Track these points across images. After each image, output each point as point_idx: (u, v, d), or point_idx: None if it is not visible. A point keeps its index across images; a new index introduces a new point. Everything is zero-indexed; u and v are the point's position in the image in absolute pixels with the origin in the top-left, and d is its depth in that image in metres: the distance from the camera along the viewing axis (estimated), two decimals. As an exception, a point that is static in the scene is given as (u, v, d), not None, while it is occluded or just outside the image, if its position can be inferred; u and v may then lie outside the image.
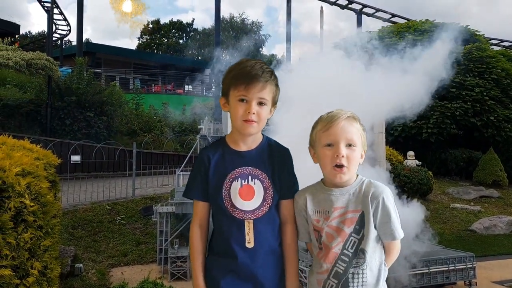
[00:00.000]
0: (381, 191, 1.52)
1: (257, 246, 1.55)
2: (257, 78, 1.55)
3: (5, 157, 2.33)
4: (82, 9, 20.27)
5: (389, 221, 1.51)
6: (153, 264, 5.90)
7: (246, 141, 1.64)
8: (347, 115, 1.57)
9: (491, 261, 6.42)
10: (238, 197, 1.58)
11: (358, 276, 1.51)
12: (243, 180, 1.60)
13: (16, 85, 14.07)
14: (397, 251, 1.60)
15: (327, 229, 1.55)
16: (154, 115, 16.87)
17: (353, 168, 1.55)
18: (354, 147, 1.54)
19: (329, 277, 1.54)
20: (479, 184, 11.63)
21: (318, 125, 1.62)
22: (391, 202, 1.52)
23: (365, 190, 1.54)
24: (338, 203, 1.55)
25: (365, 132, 1.62)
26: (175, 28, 44.21)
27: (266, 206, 1.59)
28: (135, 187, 8.88)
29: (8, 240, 2.07)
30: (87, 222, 7.04)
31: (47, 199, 2.50)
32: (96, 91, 13.19)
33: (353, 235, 1.52)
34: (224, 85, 1.64)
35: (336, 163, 1.52)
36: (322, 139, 1.57)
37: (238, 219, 1.57)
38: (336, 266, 1.52)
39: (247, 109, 1.56)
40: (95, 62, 24.42)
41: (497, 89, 13.04)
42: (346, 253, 1.52)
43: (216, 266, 1.60)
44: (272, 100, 1.62)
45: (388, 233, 1.52)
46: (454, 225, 8.52)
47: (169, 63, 30.22)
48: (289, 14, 24.06)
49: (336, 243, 1.53)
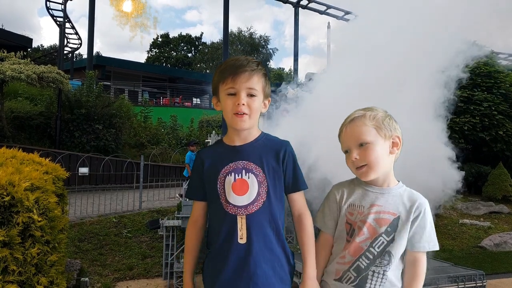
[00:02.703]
0: (424, 201, 1.55)
1: (249, 242, 1.51)
2: (243, 67, 1.53)
3: (15, 172, 2.36)
4: (93, 23, 20.64)
5: (425, 231, 1.51)
6: (159, 278, 5.88)
7: (240, 136, 1.61)
8: (352, 117, 1.59)
9: (502, 279, 6.30)
10: (231, 192, 1.54)
11: (378, 276, 1.50)
12: (237, 175, 1.56)
13: (27, 98, 14.31)
14: (425, 265, 1.54)
15: (360, 223, 1.54)
16: (162, 127, 16.99)
17: (376, 164, 1.53)
18: (367, 143, 1.54)
19: (349, 269, 1.53)
20: (489, 199, 11.47)
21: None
22: (430, 215, 1.54)
23: (409, 198, 1.55)
24: (376, 201, 1.55)
25: (387, 119, 1.57)
26: (184, 41, 44.81)
27: (261, 201, 1.55)
28: (142, 200, 8.90)
29: (15, 255, 2.08)
30: (94, 235, 7.06)
31: (55, 214, 2.51)
32: (105, 103, 13.34)
33: (383, 236, 1.51)
34: (213, 83, 1.63)
35: (355, 166, 1.56)
36: (341, 147, 1.63)
37: (231, 214, 1.53)
38: (359, 261, 1.52)
39: (236, 101, 1.53)
40: (105, 75, 24.78)
41: (506, 104, 12.95)
42: (372, 251, 1.51)
43: (212, 262, 1.59)
44: (262, 91, 1.58)
45: (422, 243, 1.51)
46: (463, 241, 8.39)
47: (178, 76, 30.56)
48: (297, 29, 24.25)
49: (365, 238, 1.53)
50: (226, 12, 21.88)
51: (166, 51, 44.30)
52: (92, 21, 20.60)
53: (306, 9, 23.89)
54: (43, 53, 33.32)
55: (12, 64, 11.15)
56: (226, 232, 1.54)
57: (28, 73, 10.86)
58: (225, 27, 22.27)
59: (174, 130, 16.82)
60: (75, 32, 24.35)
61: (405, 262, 1.56)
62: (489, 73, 13.15)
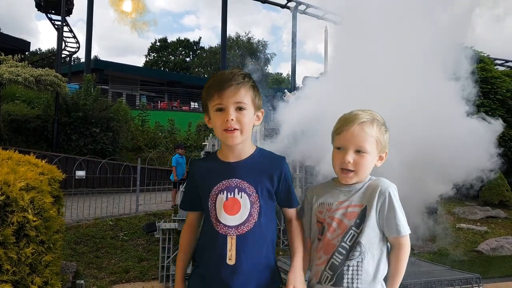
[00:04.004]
0: (388, 186, 1.54)
1: (238, 263, 1.48)
2: (228, 81, 1.49)
3: (10, 172, 2.36)
4: (91, 27, 20.70)
5: (395, 216, 1.51)
6: (155, 281, 5.85)
7: (234, 152, 1.57)
8: (362, 120, 1.55)
9: (498, 283, 6.29)
10: (222, 211, 1.51)
11: (353, 269, 1.50)
12: (229, 193, 1.53)
13: (24, 101, 14.28)
14: (404, 249, 1.54)
15: (329, 220, 1.56)
16: (160, 131, 16.99)
17: (363, 172, 1.56)
18: (364, 153, 1.53)
19: (325, 269, 1.54)
20: (486, 204, 11.49)
21: (335, 125, 1.62)
22: (397, 198, 1.53)
23: (372, 185, 1.56)
24: (344, 198, 1.58)
25: (386, 134, 1.60)
26: (182, 46, 44.92)
27: (252, 222, 1.52)
28: (138, 203, 8.88)
29: (9, 255, 2.07)
30: (90, 238, 7.03)
31: (50, 214, 2.50)
32: (102, 107, 13.34)
33: (353, 229, 1.53)
34: (202, 101, 1.60)
35: (343, 167, 1.55)
36: (334, 141, 1.61)
37: (221, 234, 1.51)
38: (333, 258, 1.53)
39: (224, 117, 1.49)
40: (102, 79, 24.78)
41: (502, 109, 13.03)
42: (344, 246, 1.52)
43: (198, 279, 1.58)
44: (252, 103, 1.54)
45: (394, 228, 1.52)
46: (460, 246, 8.40)
47: (176, 80, 30.62)
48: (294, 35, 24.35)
49: (336, 234, 1.54)
50: (224, 17, 21.98)
51: (164, 56, 44.39)
52: (90, 25, 20.65)
53: (304, 14, 24.00)
54: (41, 56, 33.32)
55: (9, 67, 11.13)
56: (215, 251, 1.52)
57: (26, 76, 10.84)
58: (223, 31, 22.36)
59: (172, 134, 16.83)
60: (73, 36, 24.40)
61: (391, 248, 1.58)
62: (485, 79, 13.23)
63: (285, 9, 24.18)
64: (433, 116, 4.75)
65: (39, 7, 22.92)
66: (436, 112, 4.79)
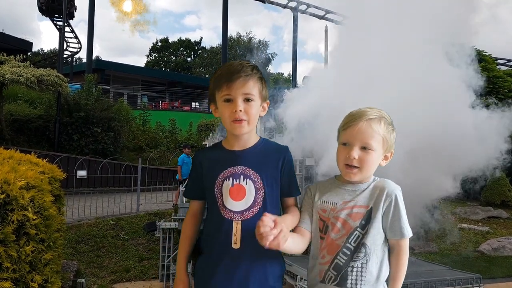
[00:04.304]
0: (394, 188, 1.54)
1: (243, 248, 1.51)
2: (237, 73, 1.52)
3: (11, 171, 2.37)
4: (92, 27, 20.72)
5: (400, 218, 1.51)
6: (156, 280, 5.86)
7: (240, 141, 1.61)
8: (370, 117, 1.54)
9: (499, 283, 6.29)
10: (228, 197, 1.55)
11: (357, 270, 1.50)
12: (235, 180, 1.56)
13: (26, 101, 14.33)
14: (405, 251, 1.56)
15: (333, 219, 1.55)
16: (161, 131, 17.01)
17: (367, 169, 1.55)
18: (370, 150, 1.53)
19: (329, 269, 1.53)
20: (487, 204, 11.46)
21: (342, 121, 1.61)
22: (402, 201, 1.54)
23: (379, 187, 1.55)
24: (349, 198, 1.56)
25: (393, 134, 1.59)
26: (183, 46, 44.92)
27: (257, 207, 1.55)
28: (139, 203, 8.89)
29: (9, 252, 2.08)
30: (91, 237, 7.05)
31: (50, 213, 2.51)
32: (104, 107, 13.37)
33: (358, 230, 1.52)
34: (209, 91, 1.63)
35: (347, 162, 1.54)
36: (340, 137, 1.60)
37: (227, 219, 1.54)
38: (337, 258, 1.52)
39: (233, 108, 1.52)
40: (104, 79, 24.81)
41: (504, 109, 13.02)
42: (349, 246, 1.52)
43: (204, 266, 1.59)
44: (259, 95, 1.58)
45: (398, 231, 1.52)
46: (461, 246, 8.38)
47: (177, 80, 30.64)
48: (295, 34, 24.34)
49: (340, 235, 1.53)
50: (225, 17, 21.99)
51: (166, 56, 44.41)
52: (92, 25, 20.68)
53: (305, 14, 23.99)
54: (42, 57, 33.37)
55: (11, 67, 11.17)
56: (220, 236, 1.55)
57: (28, 76, 10.88)
58: (224, 31, 22.37)
59: (173, 133, 16.84)
60: (75, 36, 24.43)
61: (390, 251, 1.57)
62: (487, 78, 13.19)
63: (286, 9, 24.18)
64: (437, 106, 4.74)
65: (42, 11, 22.99)
66: (440, 104, 4.76)
